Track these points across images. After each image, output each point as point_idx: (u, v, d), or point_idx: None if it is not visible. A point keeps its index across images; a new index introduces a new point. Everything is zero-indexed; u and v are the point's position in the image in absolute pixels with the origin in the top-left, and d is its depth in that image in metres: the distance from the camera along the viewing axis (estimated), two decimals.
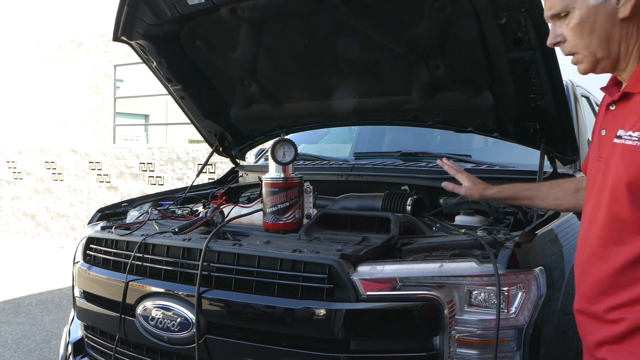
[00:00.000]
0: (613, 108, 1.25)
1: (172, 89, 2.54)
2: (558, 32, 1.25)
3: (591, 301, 1.24)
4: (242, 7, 2.01)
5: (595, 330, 1.24)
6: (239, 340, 1.62)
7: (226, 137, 2.80)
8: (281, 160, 1.90)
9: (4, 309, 4.69)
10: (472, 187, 1.69)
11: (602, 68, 1.24)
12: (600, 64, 1.23)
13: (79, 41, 12.50)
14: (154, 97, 14.65)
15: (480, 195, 1.68)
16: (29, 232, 9.06)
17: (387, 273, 1.51)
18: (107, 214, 2.36)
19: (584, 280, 1.28)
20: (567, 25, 1.22)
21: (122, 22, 2.17)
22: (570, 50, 1.24)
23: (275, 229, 1.87)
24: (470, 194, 1.69)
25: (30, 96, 13.49)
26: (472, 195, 1.69)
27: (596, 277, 1.22)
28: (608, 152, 1.21)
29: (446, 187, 1.73)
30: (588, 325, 1.27)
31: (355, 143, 3.32)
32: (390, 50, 2.04)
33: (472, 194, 1.69)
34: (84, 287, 2.07)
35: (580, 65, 1.25)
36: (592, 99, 3.28)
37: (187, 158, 7.54)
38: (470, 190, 1.69)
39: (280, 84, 2.50)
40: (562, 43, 1.25)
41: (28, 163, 9.12)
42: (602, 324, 1.21)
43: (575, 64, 1.26)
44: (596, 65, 1.23)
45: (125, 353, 1.88)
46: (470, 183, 1.71)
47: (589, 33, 1.19)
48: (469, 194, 1.69)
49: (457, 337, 1.46)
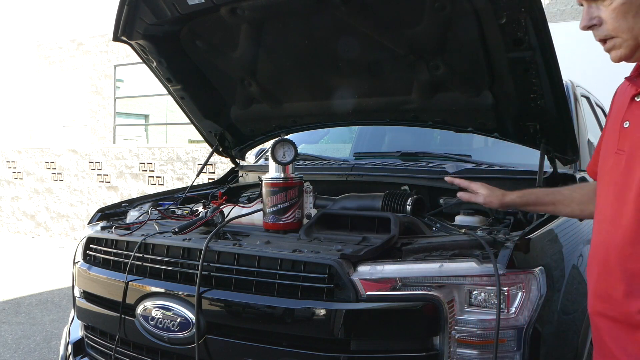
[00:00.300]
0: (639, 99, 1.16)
1: (172, 89, 2.54)
2: (594, 15, 1.16)
3: (617, 303, 1.18)
4: (242, 7, 2.01)
5: (625, 334, 1.17)
6: (239, 340, 1.62)
7: (226, 137, 2.80)
8: (281, 160, 1.90)
9: (4, 309, 4.69)
10: (491, 194, 1.61)
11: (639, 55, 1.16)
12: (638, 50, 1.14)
13: (79, 41, 12.50)
14: (154, 97, 14.66)
15: (500, 201, 1.59)
16: (29, 232, 9.06)
17: (387, 273, 1.51)
18: (107, 214, 2.36)
19: (605, 282, 1.21)
20: (607, 6, 1.13)
21: (122, 22, 2.17)
22: (608, 34, 1.15)
23: (275, 229, 1.87)
24: (490, 201, 1.60)
25: (30, 96, 13.49)
26: (492, 202, 1.59)
27: (625, 277, 1.15)
28: (633, 144, 1.13)
29: (462, 197, 1.65)
30: (613, 329, 1.20)
31: (355, 143, 3.32)
32: (390, 50, 2.04)
33: (491, 201, 1.60)
34: (84, 287, 2.07)
35: (615, 51, 1.17)
36: (592, 99, 3.28)
37: (187, 158, 7.54)
38: (489, 198, 1.60)
39: (280, 84, 2.50)
40: (597, 26, 1.16)
41: (28, 163, 9.12)
42: (633, 326, 1.14)
43: (610, 50, 1.17)
44: (635, 51, 1.15)
45: (125, 353, 1.88)
46: (487, 191, 1.62)
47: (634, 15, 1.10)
48: (488, 201, 1.60)
49: (457, 337, 1.46)
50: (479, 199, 1.61)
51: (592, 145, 2.72)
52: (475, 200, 1.61)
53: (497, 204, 1.59)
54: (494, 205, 1.60)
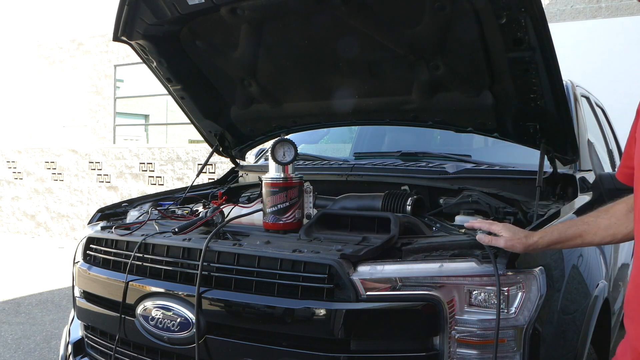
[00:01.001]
0: None
1: (172, 89, 2.54)
2: None
3: None
4: (242, 7, 2.01)
5: None
6: (239, 340, 1.62)
7: (226, 137, 2.80)
8: (281, 160, 1.90)
9: (4, 309, 4.69)
10: (513, 236, 1.45)
11: None
12: None
13: (79, 41, 12.50)
14: (154, 97, 14.66)
15: (524, 245, 1.44)
16: (29, 232, 9.06)
17: (387, 273, 1.51)
18: (107, 214, 2.36)
19: None
20: None
21: (122, 22, 2.17)
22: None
23: (275, 229, 1.87)
24: (512, 245, 1.44)
25: (30, 96, 13.49)
26: (515, 247, 1.44)
27: None
28: None
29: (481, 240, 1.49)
30: None
31: (355, 143, 3.32)
32: (390, 50, 2.04)
33: (513, 244, 1.44)
34: (84, 287, 2.07)
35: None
36: (592, 99, 3.28)
37: (187, 158, 7.54)
38: (511, 242, 1.44)
39: (280, 84, 2.50)
40: None
41: (28, 163, 9.12)
42: None
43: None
44: None
45: (125, 353, 1.88)
46: (509, 233, 1.46)
47: None
48: (510, 245, 1.44)
49: (457, 337, 1.46)
50: (500, 242, 1.46)
51: (592, 145, 2.72)
52: (496, 244, 1.47)
53: (521, 248, 1.44)
54: (517, 250, 1.45)
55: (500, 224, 1.50)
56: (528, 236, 1.44)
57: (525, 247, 1.44)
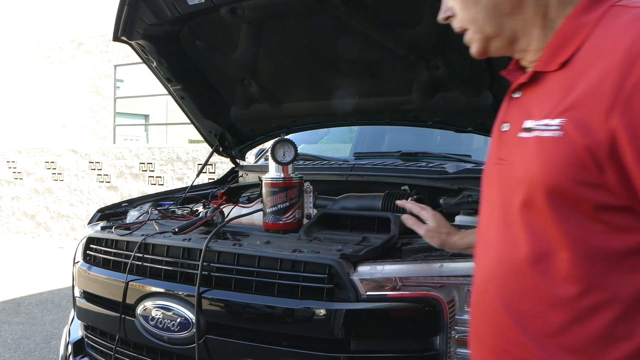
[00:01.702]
0: (518, 95, 0.97)
1: (172, 89, 2.54)
2: (449, 5, 0.99)
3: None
4: (242, 7, 2.01)
5: None
6: (239, 340, 1.62)
7: (226, 137, 2.80)
8: (281, 160, 1.90)
9: (4, 309, 4.69)
10: (435, 228, 1.37)
11: (496, 48, 0.98)
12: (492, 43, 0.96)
13: (79, 41, 12.51)
14: (154, 97, 14.66)
15: (442, 240, 1.36)
16: (29, 232, 9.06)
17: (387, 273, 1.51)
18: (107, 214, 2.36)
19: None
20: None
21: (122, 22, 2.17)
22: (459, 25, 0.98)
23: (275, 229, 1.88)
24: (430, 236, 1.36)
25: (30, 96, 13.50)
26: (432, 239, 1.37)
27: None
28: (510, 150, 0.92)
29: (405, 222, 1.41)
30: None
31: (355, 143, 3.32)
32: (390, 50, 2.04)
33: (432, 236, 1.36)
34: (84, 287, 2.07)
35: (471, 45, 0.99)
36: None
37: (187, 158, 7.55)
38: (430, 233, 1.36)
39: (280, 84, 2.50)
40: (452, 18, 1.00)
41: (28, 163, 9.12)
42: None
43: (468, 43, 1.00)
44: (487, 45, 0.97)
45: (125, 353, 1.88)
46: (434, 224, 1.38)
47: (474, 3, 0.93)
48: (429, 236, 1.36)
49: (457, 337, 1.46)
50: (420, 231, 1.38)
51: None
52: (417, 230, 1.39)
53: (438, 243, 1.37)
54: (434, 244, 1.38)
55: (431, 212, 1.42)
56: (450, 233, 1.37)
57: (443, 242, 1.36)
